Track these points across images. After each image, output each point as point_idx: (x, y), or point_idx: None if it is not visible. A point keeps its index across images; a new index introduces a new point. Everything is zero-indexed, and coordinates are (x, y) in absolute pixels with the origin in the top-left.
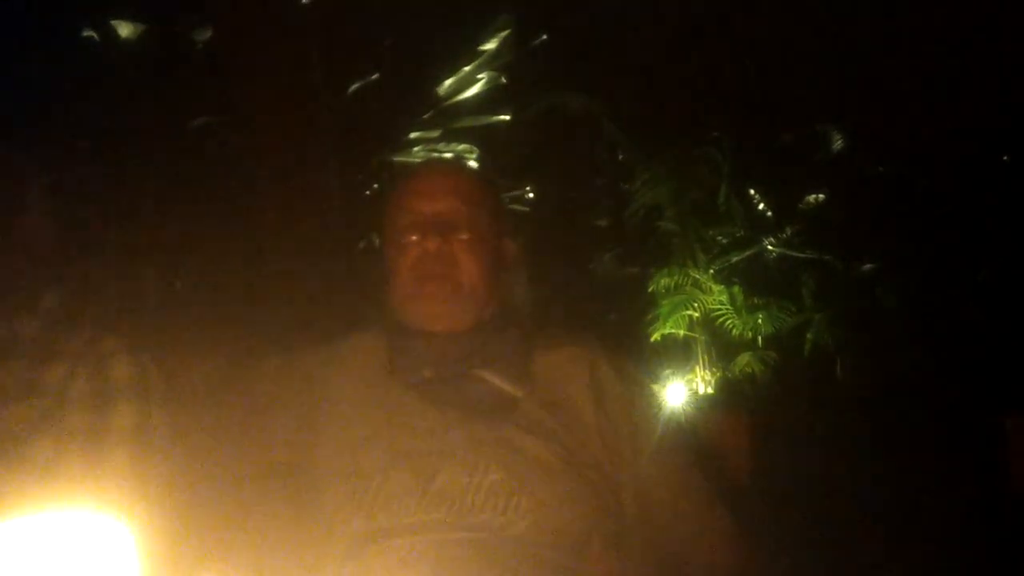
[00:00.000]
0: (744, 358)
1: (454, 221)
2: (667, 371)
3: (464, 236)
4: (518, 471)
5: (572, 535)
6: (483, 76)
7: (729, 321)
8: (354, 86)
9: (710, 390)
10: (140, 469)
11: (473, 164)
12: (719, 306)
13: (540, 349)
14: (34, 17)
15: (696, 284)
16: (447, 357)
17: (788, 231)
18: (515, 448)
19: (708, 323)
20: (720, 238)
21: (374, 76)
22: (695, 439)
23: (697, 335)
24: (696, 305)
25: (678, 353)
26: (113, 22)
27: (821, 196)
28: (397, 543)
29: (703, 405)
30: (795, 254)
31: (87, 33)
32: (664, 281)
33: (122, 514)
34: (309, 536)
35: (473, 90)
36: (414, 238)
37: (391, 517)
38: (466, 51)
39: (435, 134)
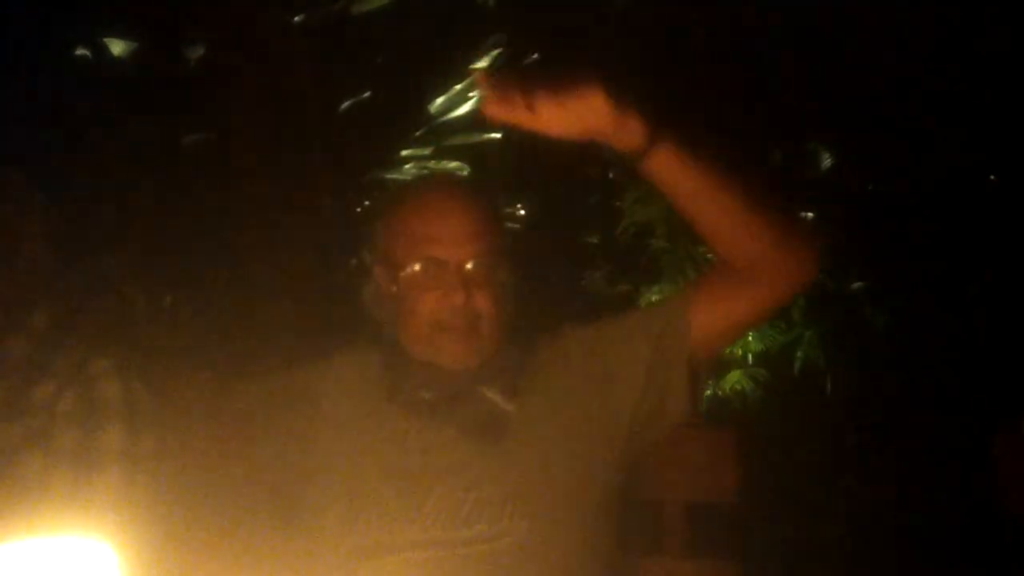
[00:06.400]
0: (734, 375)
1: (478, 276)
2: None
3: (489, 290)
4: (512, 483)
5: (572, 534)
6: (474, 95)
7: None
8: (346, 104)
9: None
10: (128, 489)
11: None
12: None
13: (530, 358)
14: (28, 36)
15: None
16: (447, 382)
17: None
18: (510, 462)
19: None
20: (710, 256)
21: (366, 94)
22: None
23: None
24: None
25: None
26: (106, 40)
27: (810, 214)
28: (391, 559)
29: (693, 422)
30: None
31: (80, 51)
32: (655, 298)
33: (109, 535)
34: (301, 554)
35: (464, 108)
36: (436, 289)
37: (386, 534)
38: (458, 70)
39: (426, 151)
